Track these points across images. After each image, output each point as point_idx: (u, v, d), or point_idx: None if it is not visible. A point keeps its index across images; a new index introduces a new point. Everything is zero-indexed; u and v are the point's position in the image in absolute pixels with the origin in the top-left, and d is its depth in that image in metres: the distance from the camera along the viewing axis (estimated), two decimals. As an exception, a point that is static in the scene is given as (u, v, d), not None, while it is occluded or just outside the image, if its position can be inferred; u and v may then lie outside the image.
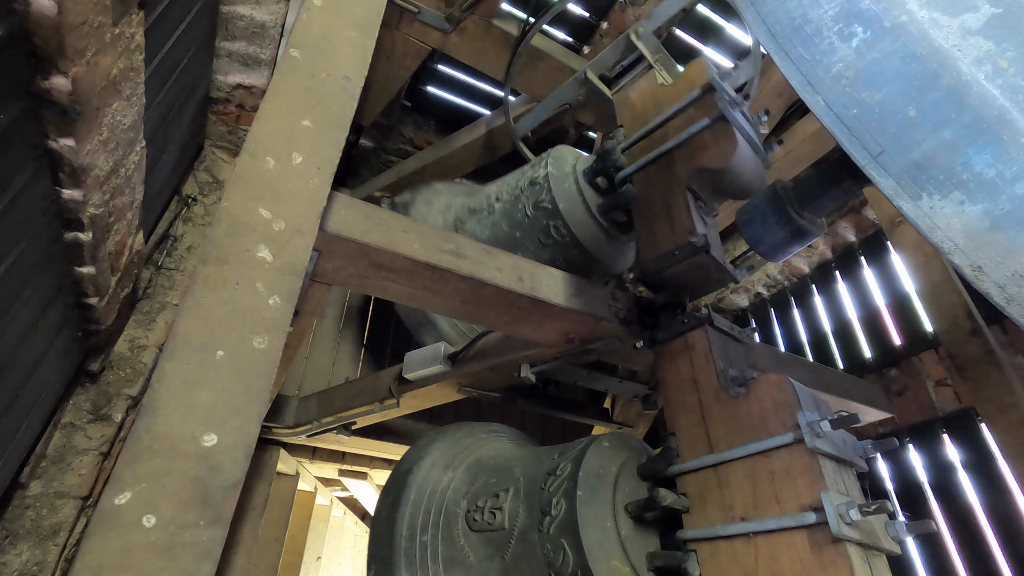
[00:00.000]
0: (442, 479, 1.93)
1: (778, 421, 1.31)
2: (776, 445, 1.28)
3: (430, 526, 1.79)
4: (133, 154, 1.90)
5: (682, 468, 1.50)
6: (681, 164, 1.89)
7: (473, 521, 1.71)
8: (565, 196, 2.29)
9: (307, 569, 4.55)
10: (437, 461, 2.02)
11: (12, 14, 1.19)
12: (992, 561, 2.68)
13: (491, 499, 1.71)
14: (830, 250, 4.07)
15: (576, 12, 3.62)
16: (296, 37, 1.37)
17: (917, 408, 3.22)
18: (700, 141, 1.83)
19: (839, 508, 1.12)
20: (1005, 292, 0.74)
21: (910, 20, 0.76)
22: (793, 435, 1.25)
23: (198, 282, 1.01)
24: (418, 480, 1.94)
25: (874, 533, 1.16)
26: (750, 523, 1.27)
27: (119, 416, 2.37)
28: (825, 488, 1.17)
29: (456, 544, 1.70)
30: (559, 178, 2.33)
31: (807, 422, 1.24)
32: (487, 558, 1.62)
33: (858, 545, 1.13)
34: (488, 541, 1.64)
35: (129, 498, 0.81)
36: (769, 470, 1.29)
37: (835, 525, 1.11)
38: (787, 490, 1.24)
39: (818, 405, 1.35)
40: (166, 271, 2.80)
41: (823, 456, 1.23)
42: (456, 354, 2.26)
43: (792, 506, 1.21)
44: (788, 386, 1.34)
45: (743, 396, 1.43)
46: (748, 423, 1.39)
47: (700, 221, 1.79)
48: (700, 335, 1.65)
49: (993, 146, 0.71)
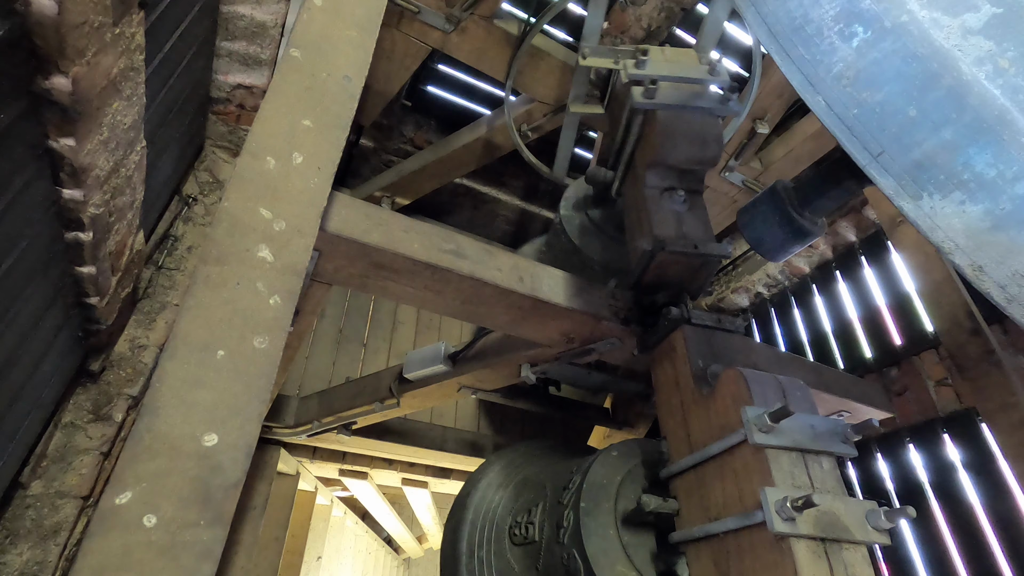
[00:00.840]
0: (495, 498, 2.11)
1: (736, 417, 1.29)
2: (734, 443, 1.27)
3: (484, 542, 1.95)
4: (133, 154, 1.90)
5: (671, 471, 1.50)
6: (639, 163, 1.95)
7: (514, 535, 1.86)
8: (578, 232, 2.52)
9: (307, 569, 4.55)
10: (492, 482, 2.21)
11: (13, 14, 1.19)
12: (992, 561, 2.67)
13: (526, 514, 1.85)
14: (831, 250, 4.07)
15: (576, 12, 3.61)
16: (296, 37, 1.37)
17: (917, 408, 3.22)
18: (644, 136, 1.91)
19: (776, 504, 1.10)
20: (1006, 292, 0.74)
21: (911, 20, 0.76)
22: (744, 432, 1.23)
23: (199, 282, 1.01)
24: (475, 501, 2.13)
25: (836, 525, 1.13)
26: (720, 523, 1.26)
27: (120, 416, 2.37)
28: (772, 484, 1.15)
29: (504, 557, 1.85)
30: (569, 218, 2.58)
31: (749, 417, 1.21)
32: (527, 569, 1.74)
33: (809, 539, 1.10)
34: (526, 553, 1.77)
35: (130, 498, 0.81)
36: (733, 468, 1.28)
37: (771, 522, 1.09)
38: (747, 487, 1.22)
39: (786, 393, 1.31)
40: (166, 271, 2.80)
41: (773, 450, 1.20)
42: (456, 354, 2.26)
43: (750, 504, 1.20)
44: (741, 380, 1.31)
45: (711, 393, 1.41)
46: (716, 421, 1.37)
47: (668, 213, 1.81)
48: (678, 336, 1.64)
49: (994, 146, 0.71)
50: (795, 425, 1.23)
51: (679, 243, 1.69)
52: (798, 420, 1.23)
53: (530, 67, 2.98)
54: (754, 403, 1.26)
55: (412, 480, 3.87)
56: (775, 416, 1.17)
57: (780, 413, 1.17)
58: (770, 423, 1.18)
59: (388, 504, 5.24)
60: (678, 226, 1.77)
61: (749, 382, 1.29)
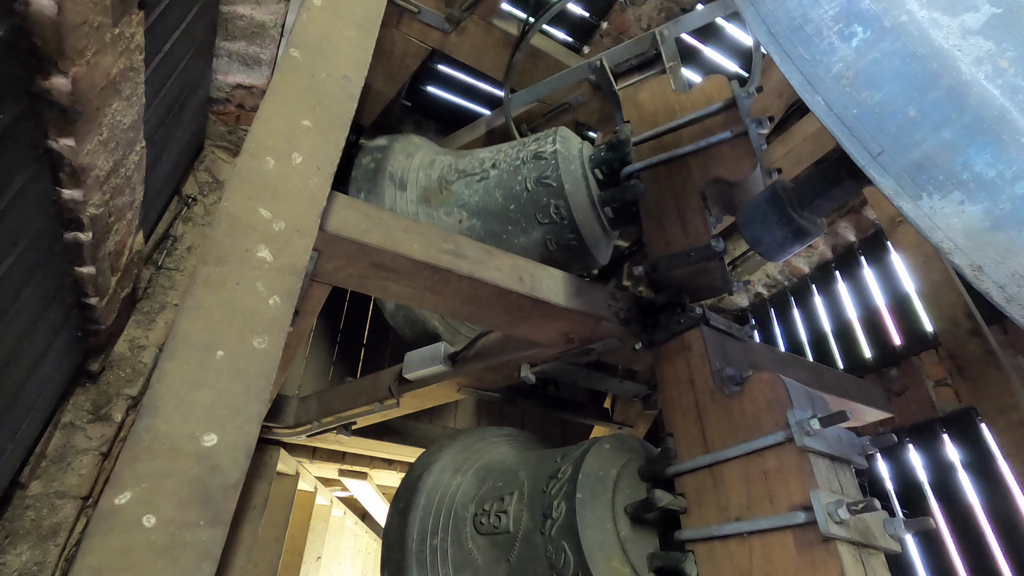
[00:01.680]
0: (451, 484, 1.96)
1: (771, 420, 1.31)
2: (768, 444, 1.28)
3: (439, 530, 1.82)
4: (133, 154, 1.90)
5: (679, 469, 1.50)
6: (697, 170, 1.91)
7: (480, 524, 1.74)
8: (571, 177, 2.23)
9: (307, 569, 4.55)
10: (447, 466, 2.05)
11: (12, 14, 1.19)
12: (992, 561, 2.67)
13: (497, 502, 1.74)
14: (830, 250, 4.07)
15: (576, 12, 3.61)
16: (296, 37, 1.37)
17: (917, 408, 3.22)
18: (718, 152, 1.86)
19: (828, 507, 1.11)
20: (1005, 292, 0.74)
21: (910, 20, 0.76)
22: (784, 434, 1.25)
23: (198, 282, 1.01)
24: (428, 485, 1.98)
25: (869, 532, 1.15)
26: (744, 523, 1.26)
27: (119, 416, 2.37)
28: (815, 487, 1.16)
29: (464, 547, 1.73)
30: (567, 158, 2.25)
31: (797, 420, 1.23)
32: (494, 560, 1.64)
33: (850, 544, 1.12)
34: (494, 544, 1.67)
35: (129, 498, 0.81)
36: (762, 469, 1.29)
37: (823, 524, 1.10)
38: (780, 489, 1.23)
39: (813, 402, 1.34)
40: (166, 271, 2.80)
41: (814, 454, 1.22)
42: (456, 354, 2.26)
43: (784, 505, 1.21)
44: (780, 384, 1.33)
45: (737, 395, 1.42)
46: (742, 422, 1.38)
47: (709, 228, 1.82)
48: (696, 335, 1.65)
49: (993, 146, 0.71)
50: (831, 433, 1.26)
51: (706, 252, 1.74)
52: (831, 429, 1.25)
53: (529, 67, 2.99)
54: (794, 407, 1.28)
55: (412, 480, 3.87)
56: (827, 421, 1.20)
57: (835, 418, 1.19)
58: (817, 428, 1.20)
59: (388, 504, 5.24)
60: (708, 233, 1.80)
61: (788, 387, 1.32)
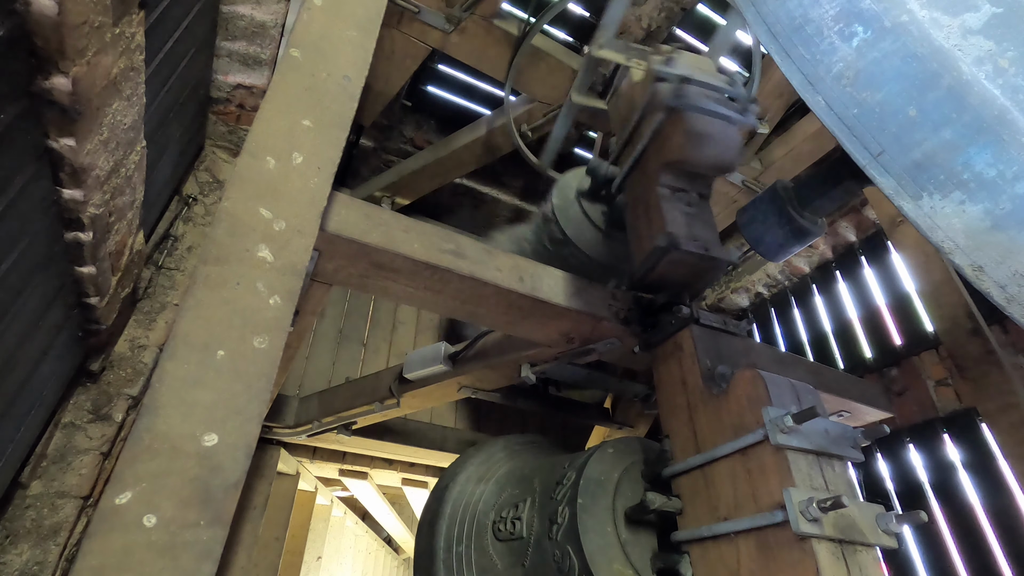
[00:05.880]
0: (475, 493, 2.04)
1: (752, 418, 1.29)
2: (750, 443, 1.27)
3: (464, 537, 1.90)
4: (133, 154, 1.90)
5: (674, 470, 1.50)
6: (652, 161, 1.92)
7: (498, 531, 1.81)
8: (572, 223, 2.42)
9: (307, 569, 4.55)
10: (472, 475, 2.14)
11: (12, 14, 1.19)
12: (992, 561, 2.67)
13: (512, 509, 1.80)
14: (830, 250, 4.07)
15: (576, 12, 3.61)
16: (296, 37, 1.37)
17: (917, 408, 3.22)
18: (664, 135, 1.87)
19: (800, 505, 1.11)
20: (1006, 292, 0.74)
21: (911, 20, 0.76)
22: (763, 432, 1.23)
23: (198, 282, 1.01)
24: (454, 495, 2.07)
25: (854, 528, 1.14)
26: (731, 523, 1.26)
27: (119, 416, 2.37)
28: (792, 484, 1.15)
29: (487, 553, 1.80)
30: (563, 207, 2.46)
31: (771, 418, 1.22)
32: (511, 566, 1.70)
33: (829, 541, 1.11)
34: (511, 550, 1.73)
35: (130, 498, 0.81)
36: (747, 468, 1.28)
37: (795, 522, 1.10)
38: (762, 488, 1.22)
39: (799, 397, 1.32)
40: (166, 271, 2.80)
41: (792, 451, 1.20)
42: (456, 354, 2.26)
43: (766, 504, 1.20)
44: (760, 381, 1.31)
45: (724, 394, 1.41)
46: (728, 421, 1.37)
47: (678, 214, 1.79)
48: (686, 335, 1.64)
49: (994, 146, 0.71)
50: (812, 428, 1.24)
51: (691, 243, 1.69)
52: (814, 423, 1.23)
53: (530, 67, 2.98)
54: (772, 404, 1.26)
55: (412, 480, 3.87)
56: (800, 417, 1.18)
57: (806, 414, 1.17)
58: (792, 425, 1.19)
59: (388, 504, 5.24)
60: (688, 227, 1.76)
61: (767, 383, 1.30)
